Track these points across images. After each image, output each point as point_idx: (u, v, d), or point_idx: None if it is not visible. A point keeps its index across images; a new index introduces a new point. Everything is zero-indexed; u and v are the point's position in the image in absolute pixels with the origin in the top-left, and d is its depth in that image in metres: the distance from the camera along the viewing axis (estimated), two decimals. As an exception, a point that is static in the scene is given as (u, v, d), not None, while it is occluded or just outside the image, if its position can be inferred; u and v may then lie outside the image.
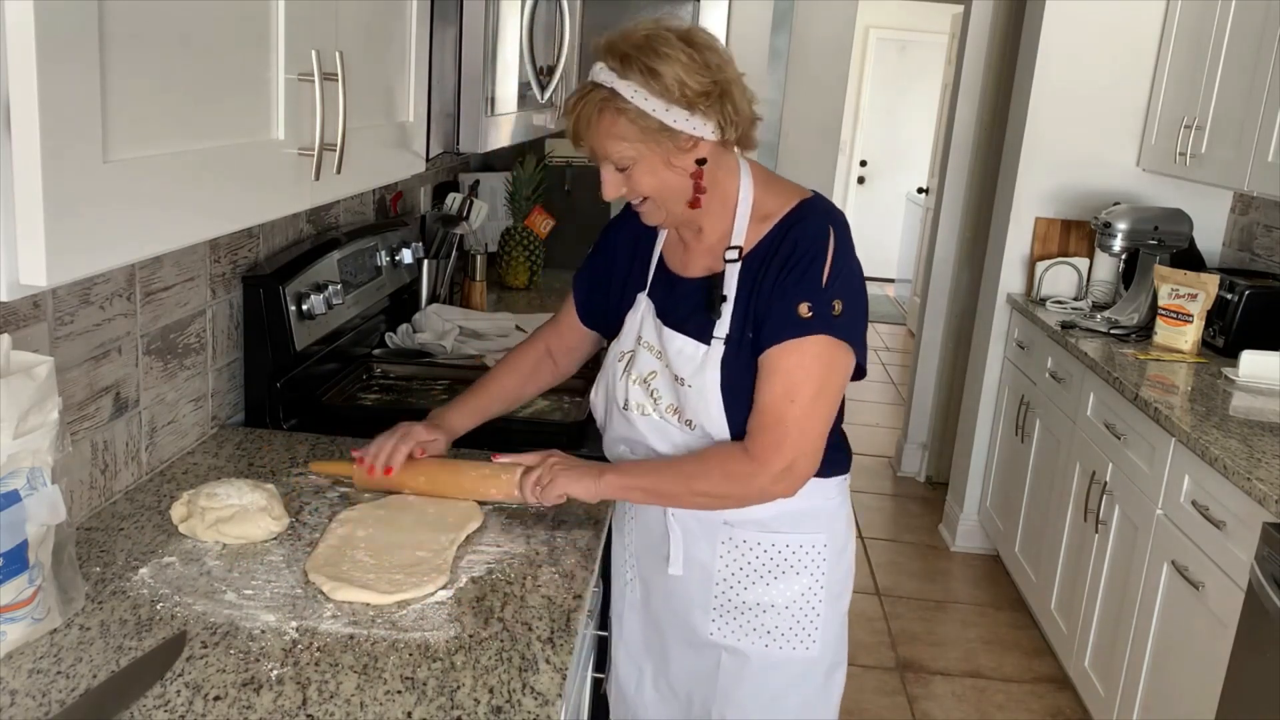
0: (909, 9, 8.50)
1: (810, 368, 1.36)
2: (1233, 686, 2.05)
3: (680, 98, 1.30)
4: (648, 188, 1.38)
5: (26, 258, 0.75)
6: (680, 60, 1.30)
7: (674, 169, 1.36)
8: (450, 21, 1.76)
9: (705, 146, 1.36)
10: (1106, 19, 3.49)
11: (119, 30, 0.80)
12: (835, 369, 1.38)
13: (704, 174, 1.38)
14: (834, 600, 1.56)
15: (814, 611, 1.54)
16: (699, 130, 1.33)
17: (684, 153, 1.35)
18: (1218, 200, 3.53)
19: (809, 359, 1.36)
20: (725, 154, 1.41)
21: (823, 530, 1.53)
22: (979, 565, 3.87)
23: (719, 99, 1.33)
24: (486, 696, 1.10)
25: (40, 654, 1.11)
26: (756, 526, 1.50)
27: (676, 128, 1.32)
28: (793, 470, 1.38)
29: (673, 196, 1.39)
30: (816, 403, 1.37)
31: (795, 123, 5.62)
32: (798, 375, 1.36)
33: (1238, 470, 2.07)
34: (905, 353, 7.08)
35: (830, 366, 1.37)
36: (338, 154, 1.15)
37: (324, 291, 1.93)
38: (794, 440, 1.37)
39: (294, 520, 1.46)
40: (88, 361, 1.39)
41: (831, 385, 1.38)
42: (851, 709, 2.90)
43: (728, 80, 1.34)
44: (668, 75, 1.29)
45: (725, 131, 1.35)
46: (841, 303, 1.36)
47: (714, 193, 1.42)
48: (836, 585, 1.56)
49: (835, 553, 1.55)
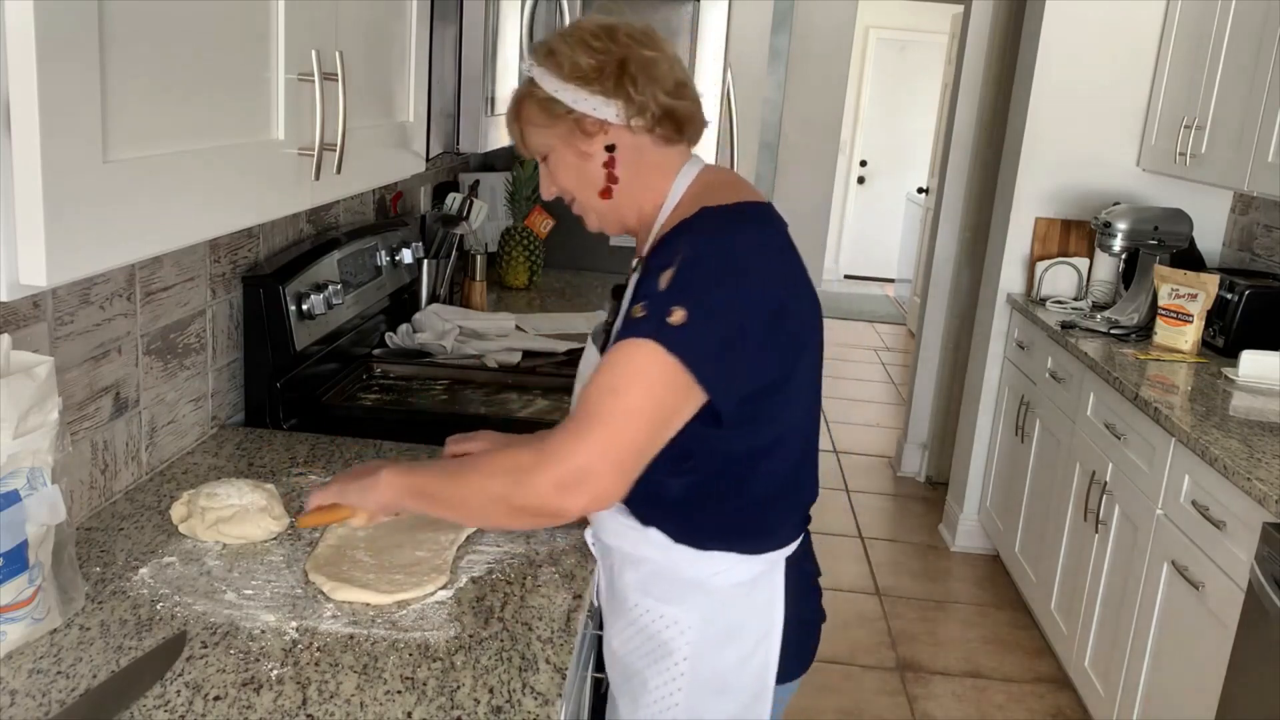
0: (909, 9, 8.51)
1: (629, 371, 1.12)
2: (1233, 686, 2.05)
3: (571, 74, 1.23)
4: (565, 179, 1.30)
5: (26, 258, 0.75)
6: (581, 40, 1.24)
7: (586, 157, 1.28)
8: (450, 21, 1.76)
9: (616, 132, 1.26)
10: (1106, 19, 3.49)
11: (119, 30, 0.80)
12: (660, 382, 1.11)
13: (616, 162, 1.28)
14: (703, 701, 1.32)
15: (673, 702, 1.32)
16: (599, 111, 1.24)
17: (591, 138, 1.26)
18: (1218, 200, 3.53)
19: (630, 361, 1.12)
20: (652, 147, 1.29)
21: (691, 609, 1.30)
22: (979, 565, 3.87)
23: (617, 76, 1.23)
24: (486, 696, 1.10)
25: (40, 654, 1.11)
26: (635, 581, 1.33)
27: (576, 108, 1.24)
28: (586, 480, 1.09)
29: (587, 187, 1.30)
30: (634, 413, 1.11)
31: (795, 123, 5.62)
32: (619, 372, 1.12)
33: (1238, 470, 2.07)
34: (905, 353, 7.08)
35: (653, 378, 1.11)
36: (338, 154, 1.15)
37: (324, 291, 1.93)
38: (599, 439, 1.09)
39: (294, 520, 1.46)
40: (88, 361, 1.39)
41: (655, 400, 1.11)
42: (851, 709, 2.90)
43: (627, 57, 1.24)
44: (561, 52, 1.24)
45: (630, 113, 1.24)
46: (684, 313, 1.11)
47: (638, 190, 1.30)
48: (706, 684, 1.31)
49: (705, 646, 1.30)
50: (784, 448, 1.29)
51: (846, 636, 3.27)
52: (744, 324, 1.16)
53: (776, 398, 1.24)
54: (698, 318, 1.12)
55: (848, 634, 3.29)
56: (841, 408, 5.77)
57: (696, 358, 1.12)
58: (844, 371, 6.56)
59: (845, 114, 6.50)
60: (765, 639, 1.32)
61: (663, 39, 1.30)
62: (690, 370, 1.12)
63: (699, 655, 1.31)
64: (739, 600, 1.31)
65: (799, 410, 1.30)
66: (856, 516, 4.27)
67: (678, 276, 1.14)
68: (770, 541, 1.32)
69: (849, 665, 3.12)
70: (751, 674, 1.33)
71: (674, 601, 1.31)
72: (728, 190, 1.29)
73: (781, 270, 1.23)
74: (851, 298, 8.79)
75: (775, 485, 1.30)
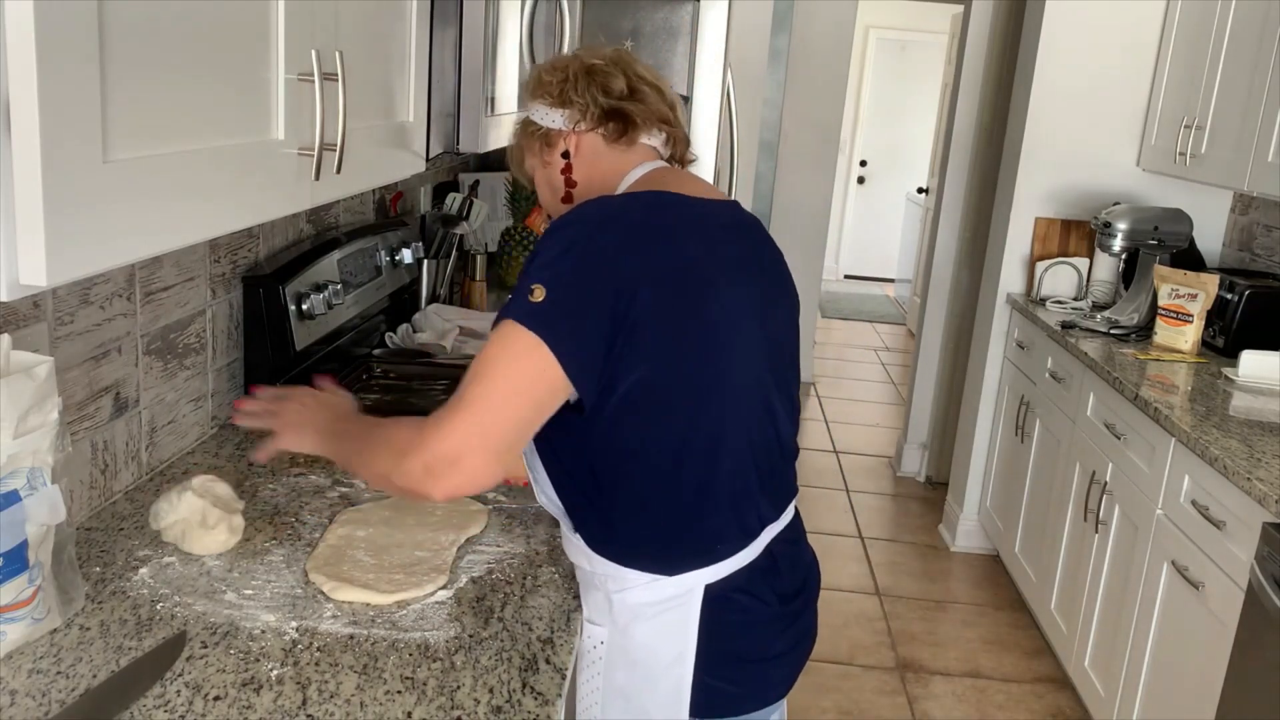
0: (909, 9, 8.51)
1: (493, 350, 1.11)
2: (1233, 686, 2.05)
3: (537, 89, 1.35)
4: (541, 192, 1.41)
5: (26, 258, 0.75)
6: (549, 64, 1.37)
7: (549, 166, 1.38)
8: (450, 21, 1.76)
9: (570, 138, 1.35)
10: (1106, 19, 3.49)
11: (119, 30, 0.80)
12: (519, 359, 1.10)
13: (572, 167, 1.36)
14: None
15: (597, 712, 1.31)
16: (550, 120, 1.35)
17: (553, 149, 1.36)
18: (1218, 200, 3.53)
19: (494, 344, 1.12)
20: (606, 150, 1.35)
21: (602, 623, 1.27)
22: (979, 565, 3.87)
23: (570, 84, 1.33)
24: (486, 696, 1.10)
25: (40, 654, 1.11)
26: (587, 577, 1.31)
27: (539, 121, 1.36)
28: (455, 465, 1.09)
29: (553, 195, 1.39)
30: (500, 394, 1.10)
31: (795, 123, 5.62)
32: (484, 356, 1.12)
33: (1238, 470, 2.07)
34: (905, 353, 7.08)
35: (513, 355, 1.10)
36: (338, 154, 1.15)
37: (324, 291, 1.93)
38: (465, 424, 1.08)
39: (294, 520, 1.47)
40: (88, 361, 1.39)
41: (519, 379, 1.10)
42: (851, 709, 2.90)
43: (583, 67, 1.34)
44: (533, 77, 1.37)
45: (574, 119, 1.33)
46: (543, 291, 1.10)
47: (595, 192, 1.33)
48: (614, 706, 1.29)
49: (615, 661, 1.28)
50: (695, 456, 1.20)
51: (846, 636, 3.28)
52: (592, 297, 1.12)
53: (674, 395, 1.18)
54: (555, 295, 1.11)
55: (847, 634, 3.29)
56: (841, 408, 5.77)
57: (553, 333, 1.10)
58: (844, 371, 6.56)
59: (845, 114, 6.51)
60: (675, 666, 1.25)
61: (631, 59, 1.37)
62: (549, 346, 1.10)
63: (610, 671, 1.28)
64: (645, 621, 1.25)
65: (717, 418, 1.21)
66: (856, 516, 4.27)
67: (539, 260, 1.14)
68: (685, 563, 1.24)
69: (848, 665, 3.12)
70: (660, 702, 1.27)
71: (593, 612, 1.29)
72: (652, 183, 1.29)
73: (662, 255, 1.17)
74: (851, 298, 8.79)
75: (687, 498, 1.21)
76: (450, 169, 3.12)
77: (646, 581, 1.24)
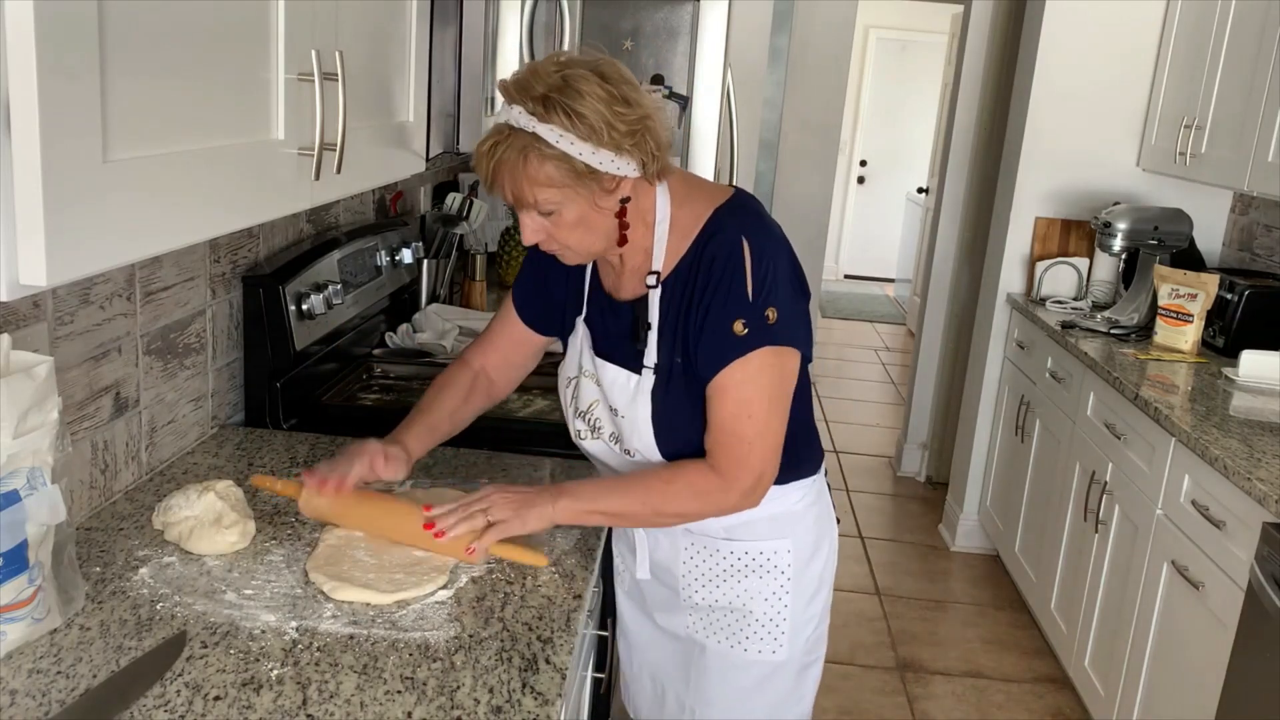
0: (909, 9, 8.51)
1: (759, 381, 1.34)
2: (1233, 686, 2.05)
3: (608, 140, 1.24)
4: (572, 232, 1.32)
5: (26, 258, 0.75)
6: (601, 98, 1.23)
7: (600, 210, 1.30)
8: (450, 21, 1.76)
9: (629, 183, 1.31)
10: (1106, 19, 3.49)
11: (119, 30, 0.80)
12: (784, 375, 1.37)
13: (628, 211, 1.33)
14: (804, 604, 1.54)
15: (780, 617, 1.52)
16: (623, 170, 1.27)
17: (609, 194, 1.30)
18: (1218, 200, 3.53)
19: (755, 373, 1.33)
20: (646, 184, 1.35)
21: (786, 536, 1.51)
22: (979, 565, 3.87)
23: (642, 136, 1.27)
24: (486, 696, 1.10)
25: (40, 654, 1.11)
26: (721, 532, 1.50)
27: (602, 170, 1.26)
28: (763, 481, 1.37)
29: (598, 238, 1.34)
30: (771, 413, 1.36)
31: (795, 123, 5.61)
32: (748, 390, 1.33)
33: (1238, 470, 2.07)
34: (905, 353, 7.08)
35: (779, 374, 1.36)
36: (338, 154, 1.15)
37: (324, 291, 1.93)
38: (759, 453, 1.35)
39: (294, 520, 1.47)
40: (88, 361, 1.39)
41: (782, 390, 1.37)
42: (851, 709, 2.90)
43: (648, 114, 1.28)
44: (592, 117, 1.23)
45: (648, 168, 1.30)
46: (775, 310, 1.32)
47: (636, 223, 1.36)
48: (807, 589, 1.54)
49: (802, 558, 1.53)
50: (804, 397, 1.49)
51: (846, 636, 3.27)
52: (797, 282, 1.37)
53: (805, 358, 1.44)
54: (783, 305, 1.33)
55: (848, 634, 3.29)
56: (841, 408, 5.77)
57: (795, 336, 1.35)
58: (844, 371, 6.56)
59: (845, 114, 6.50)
60: (830, 538, 1.59)
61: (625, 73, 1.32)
62: (797, 347, 1.37)
63: (800, 572, 1.53)
64: (812, 516, 1.54)
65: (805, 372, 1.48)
66: (856, 516, 4.27)
67: (756, 281, 1.32)
68: (816, 463, 1.57)
69: (849, 665, 3.12)
70: (830, 572, 1.59)
71: (766, 537, 1.50)
72: (696, 186, 1.44)
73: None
74: (851, 297, 8.79)
75: (806, 410, 1.51)
76: (450, 169, 3.12)
77: (806, 486, 1.54)
